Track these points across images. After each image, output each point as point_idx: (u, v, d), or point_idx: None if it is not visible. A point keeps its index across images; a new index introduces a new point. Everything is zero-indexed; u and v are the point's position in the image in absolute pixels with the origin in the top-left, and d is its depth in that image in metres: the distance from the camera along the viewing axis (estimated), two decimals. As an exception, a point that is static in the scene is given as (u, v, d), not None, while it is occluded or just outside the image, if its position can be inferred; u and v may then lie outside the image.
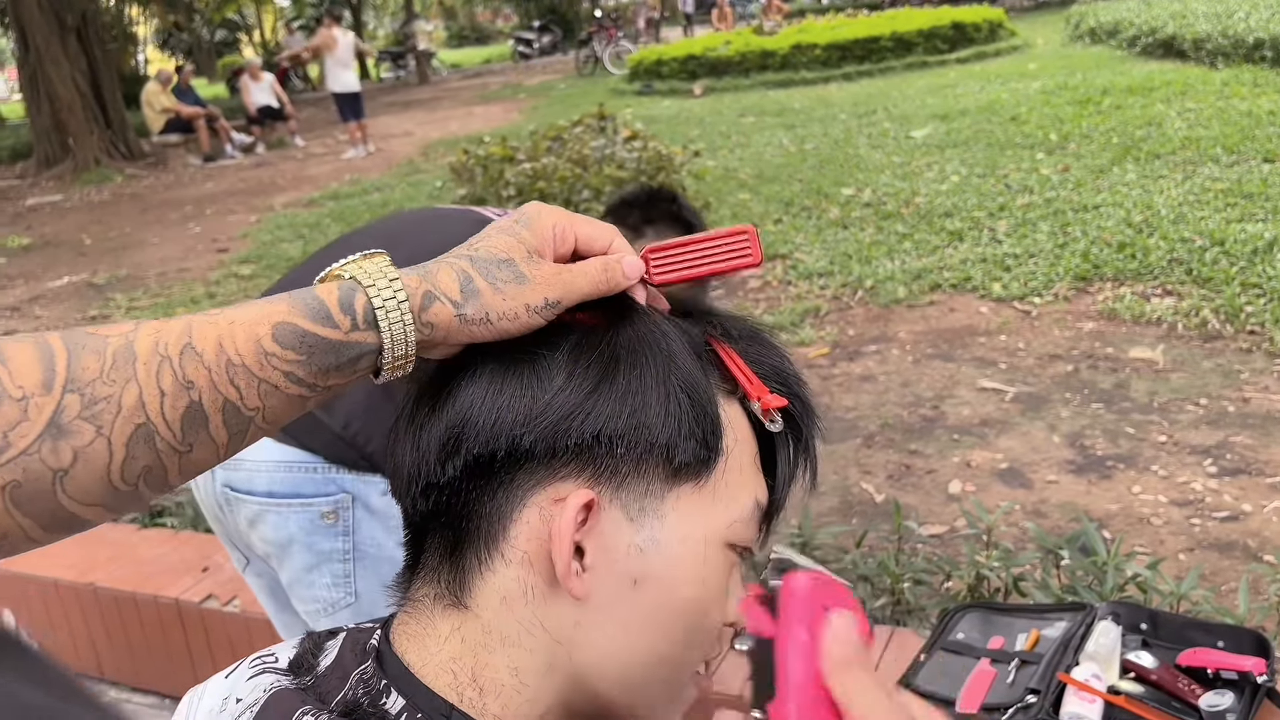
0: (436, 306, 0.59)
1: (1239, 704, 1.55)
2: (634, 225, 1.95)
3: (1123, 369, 4.02)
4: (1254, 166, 6.22)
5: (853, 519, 3.16)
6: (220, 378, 0.55)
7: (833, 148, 8.81)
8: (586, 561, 0.59)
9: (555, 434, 0.58)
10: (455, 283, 0.60)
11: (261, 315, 0.57)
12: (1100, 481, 3.26)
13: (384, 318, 0.58)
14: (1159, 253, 5.02)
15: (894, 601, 2.14)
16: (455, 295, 0.59)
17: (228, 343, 0.55)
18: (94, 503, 0.54)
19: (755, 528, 0.64)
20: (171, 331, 0.55)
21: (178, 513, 2.94)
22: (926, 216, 6.27)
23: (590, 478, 0.59)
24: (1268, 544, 2.80)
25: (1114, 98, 9.01)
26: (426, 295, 0.59)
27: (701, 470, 0.61)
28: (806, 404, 0.67)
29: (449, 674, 0.60)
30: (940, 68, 13.57)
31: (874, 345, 4.59)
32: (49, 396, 0.51)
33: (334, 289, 0.58)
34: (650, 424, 0.59)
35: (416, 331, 0.59)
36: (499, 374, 0.60)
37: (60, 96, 14.37)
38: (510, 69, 25.40)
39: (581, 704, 0.62)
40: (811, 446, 0.68)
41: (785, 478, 0.67)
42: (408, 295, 0.58)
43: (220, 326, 0.56)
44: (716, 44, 15.96)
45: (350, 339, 0.58)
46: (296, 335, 0.56)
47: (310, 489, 1.52)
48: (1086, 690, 1.62)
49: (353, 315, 0.57)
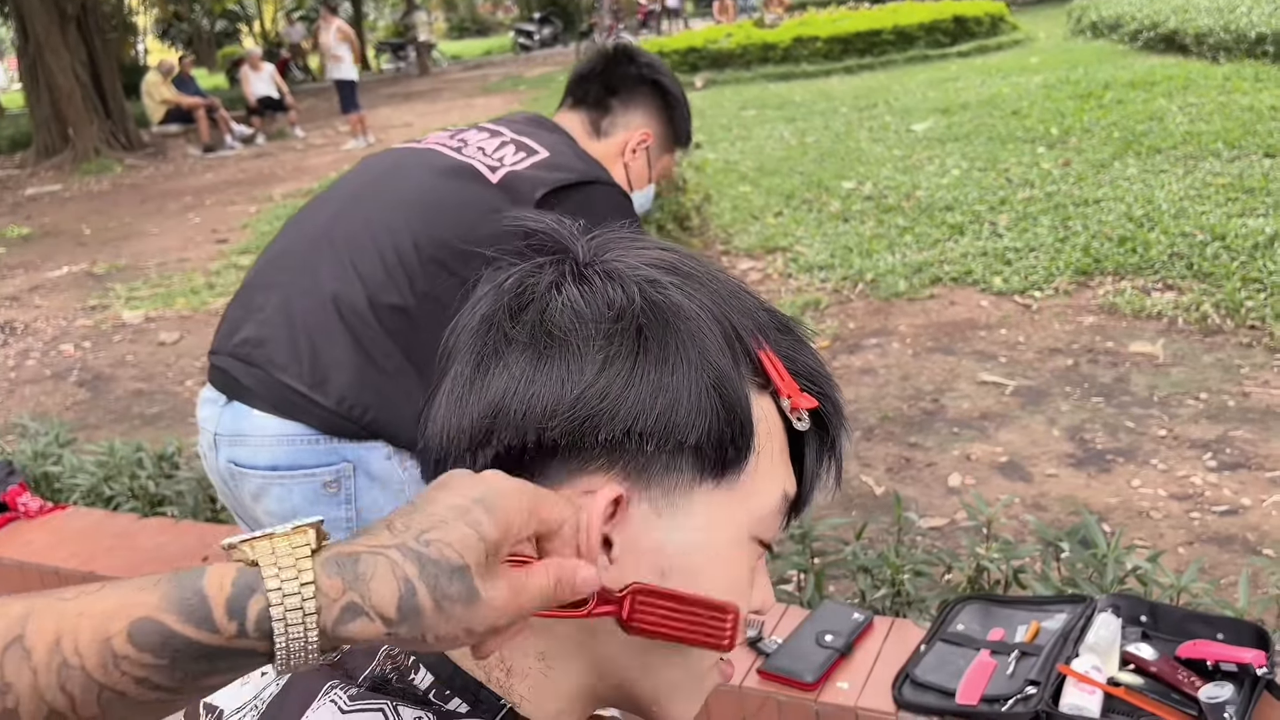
0: (359, 624, 0.48)
1: (1238, 696, 1.55)
2: (596, 100, 1.78)
3: (1123, 363, 4.03)
4: (1255, 161, 6.21)
5: (852, 511, 3.16)
6: (48, 682, 0.45)
7: (834, 141, 8.80)
8: (614, 554, 0.59)
9: (584, 429, 0.58)
10: (394, 596, 0.48)
11: (119, 608, 0.46)
12: (1100, 475, 3.26)
13: (282, 631, 0.47)
14: (1160, 247, 5.02)
15: (894, 593, 2.14)
16: (390, 613, 0.48)
17: (67, 640, 0.45)
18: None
19: (781, 520, 0.64)
20: (4, 617, 0.46)
21: (178, 501, 2.94)
22: (927, 210, 6.26)
23: (620, 471, 0.59)
24: (1266, 538, 2.80)
25: (1115, 92, 8.99)
26: (347, 609, 0.48)
27: (731, 468, 0.61)
28: (836, 405, 0.66)
29: None
30: (941, 61, 13.55)
31: (874, 338, 4.59)
32: None
33: (226, 583, 0.47)
34: (681, 423, 0.58)
35: (320, 644, 0.48)
36: (531, 362, 0.59)
37: (60, 86, 14.34)
38: (511, 61, 25.35)
39: (606, 691, 0.63)
40: (838, 447, 0.68)
41: (811, 475, 0.67)
42: (319, 606, 0.48)
43: (65, 618, 0.46)
44: (718, 36, 15.93)
45: (231, 645, 0.47)
46: (160, 636, 0.46)
47: (312, 460, 1.54)
48: (1086, 682, 1.62)
49: (241, 620, 0.47)
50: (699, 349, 0.60)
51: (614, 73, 1.78)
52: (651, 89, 1.79)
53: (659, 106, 1.80)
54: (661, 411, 0.58)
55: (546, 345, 0.59)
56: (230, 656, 0.47)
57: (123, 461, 3.13)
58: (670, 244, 0.67)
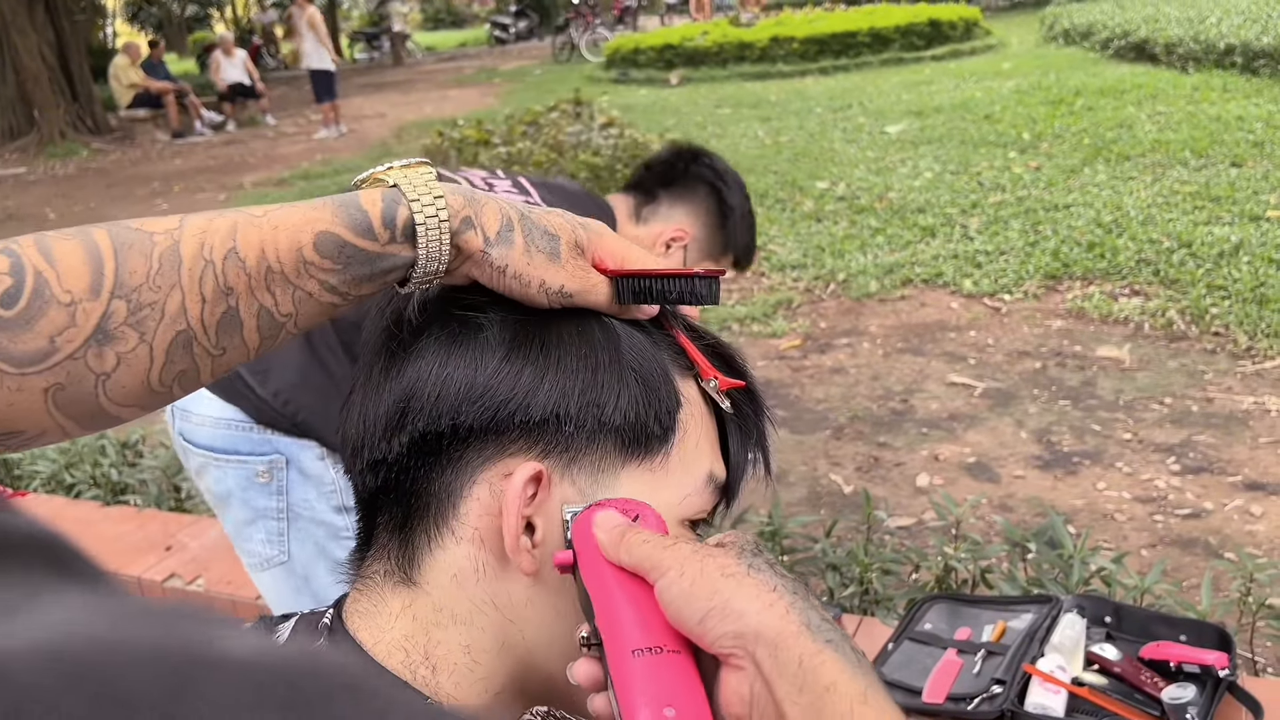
0: (470, 234, 0.59)
1: (1200, 697, 1.57)
2: (648, 188, 1.74)
3: (1090, 367, 4.07)
4: (1222, 170, 6.29)
5: (822, 509, 3.17)
6: (258, 284, 0.55)
7: (808, 141, 8.83)
8: (537, 538, 0.58)
9: (499, 412, 0.58)
10: (497, 223, 0.60)
11: (305, 221, 0.56)
12: (1066, 477, 3.29)
13: (423, 234, 0.57)
14: (1127, 253, 5.07)
15: (862, 591, 2.15)
16: (491, 233, 0.59)
17: (270, 249, 0.55)
18: (131, 404, 0.55)
19: (709, 499, 0.64)
20: (217, 233, 0.55)
21: (141, 490, 2.90)
22: (900, 211, 6.30)
23: (540, 453, 0.58)
24: (1228, 541, 2.84)
25: (1086, 99, 9.08)
26: (465, 220, 0.59)
27: (656, 446, 0.61)
28: (755, 394, 0.67)
29: (401, 652, 0.59)
30: (916, 64, 13.63)
31: (845, 338, 4.61)
32: (96, 302, 0.52)
33: (377, 199, 0.58)
34: (601, 401, 0.58)
35: (449, 253, 0.58)
36: (445, 347, 0.59)
37: (26, 68, 14.11)
38: (486, 53, 25.22)
39: (536, 683, 0.62)
40: (762, 433, 0.68)
41: (739, 462, 0.66)
42: (450, 215, 0.58)
43: (264, 230, 0.56)
44: (694, 34, 15.93)
45: (386, 251, 0.57)
46: (336, 245, 0.56)
47: (246, 447, 1.56)
48: (1051, 681, 1.63)
49: (393, 228, 0.57)
50: (613, 332, 0.61)
51: (674, 166, 1.73)
52: (707, 191, 1.72)
53: (709, 210, 1.73)
54: (581, 391, 0.58)
55: (459, 330, 0.60)
56: (384, 260, 0.58)
57: (84, 449, 3.08)
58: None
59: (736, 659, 0.48)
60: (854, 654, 0.48)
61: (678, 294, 0.62)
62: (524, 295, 0.60)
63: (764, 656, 0.47)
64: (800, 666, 0.46)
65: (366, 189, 0.60)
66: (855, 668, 0.47)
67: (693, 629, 0.49)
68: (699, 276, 0.62)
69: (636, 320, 0.64)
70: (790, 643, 0.47)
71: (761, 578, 0.50)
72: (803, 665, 0.46)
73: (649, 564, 0.52)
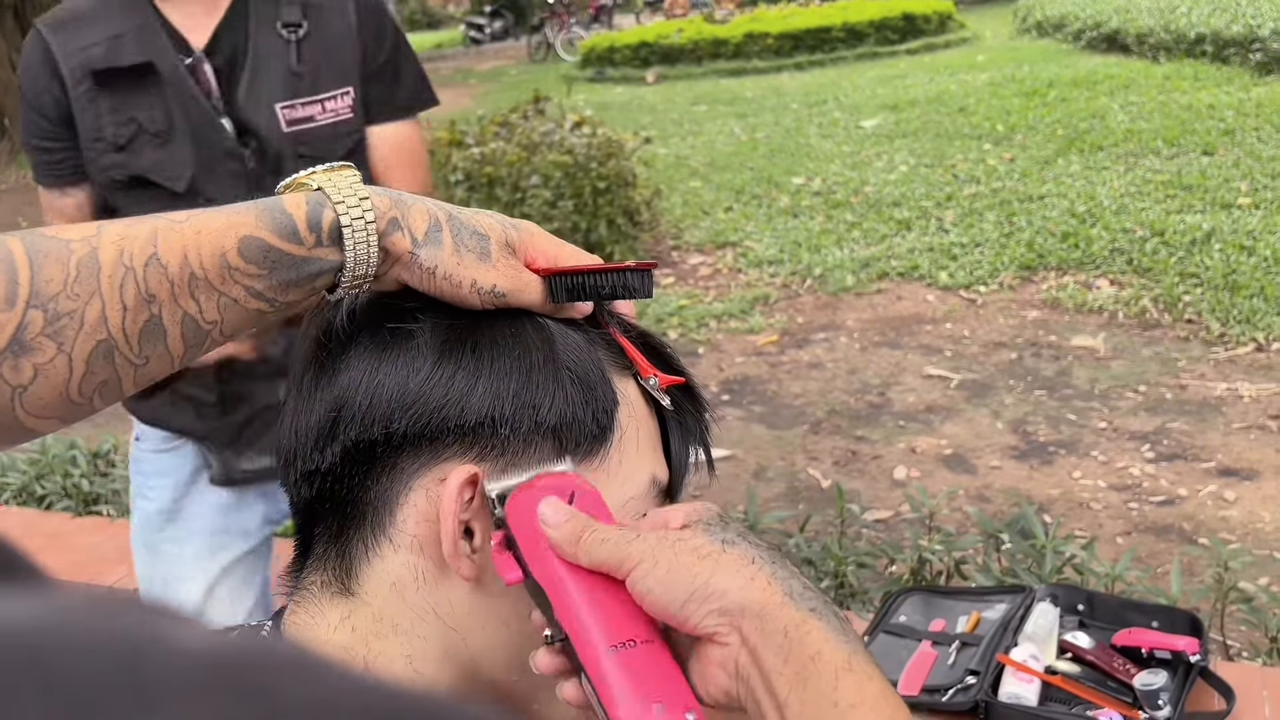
0: (398, 236, 0.58)
1: (1172, 683, 1.58)
2: None
3: (1065, 356, 4.09)
4: (1193, 159, 6.34)
5: (799, 504, 3.17)
6: (182, 291, 0.54)
7: (784, 137, 8.84)
8: (476, 542, 0.57)
9: (433, 418, 0.57)
10: (424, 224, 0.59)
11: (228, 226, 0.55)
12: (1042, 467, 3.30)
13: (350, 236, 0.57)
14: (1101, 243, 5.10)
15: (837, 585, 2.15)
16: (419, 234, 0.58)
17: (192, 254, 0.54)
18: (49, 416, 0.54)
19: (652, 503, 0.63)
20: (136, 239, 0.54)
21: (113, 500, 2.87)
22: (875, 206, 6.31)
23: (476, 457, 0.57)
24: (1202, 527, 2.86)
25: (1059, 90, 9.13)
26: (392, 221, 0.58)
27: (594, 447, 0.60)
28: (695, 391, 0.66)
29: None
30: (890, 58, 13.66)
31: (822, 333, 4.62)
32: (11, 313, 0.50)
33: (301, 203, 0.57)
34: (536, 402, 0.57)
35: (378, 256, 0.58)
36: (375, 354, 0.58)
37: (-4, 76, 13.97)
38: (462, 54, 25.14)
39: (480, 693, 0.61)
40: (704, 430, 0.67)
41: (680, 461, 0.65)
42: (376, 216, 0.57)
43: (187, 236, 0.54)
44: (669, 31, 15.93)
45: (313, 255, 0.57)
46: (262, 250, 0.55)
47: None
48: (1024, 671, 1.64)
49: (319, 232, 0.56)
50: (546, 333, 0.60)
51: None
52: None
53: None
54: (514, 393, 0.57)
55: (389, 337, 0.59)
56: (311, 265, 0.57)
57: (55, 459, 3.05)
58: None
59: (722, 635, 0.49)
60: (837, 620, 0.49)
61: (611, 289, 0.62)
62: (455, 297, 0.59)
63: (751, 630, 0.48)
64: (786, 637, 0.47)
65: (290, 193, 0.59)
66: (840, 635, 0.48)
67: (674, 615, 0.50)
68: (632, 270, 0.62)
69: (572, 319, 0.63)
70: (775, 613, 0.48)
71: (738, 551, 0.51)
72: (788, 635, 0.47)
73: (614, 561, 0.51)
